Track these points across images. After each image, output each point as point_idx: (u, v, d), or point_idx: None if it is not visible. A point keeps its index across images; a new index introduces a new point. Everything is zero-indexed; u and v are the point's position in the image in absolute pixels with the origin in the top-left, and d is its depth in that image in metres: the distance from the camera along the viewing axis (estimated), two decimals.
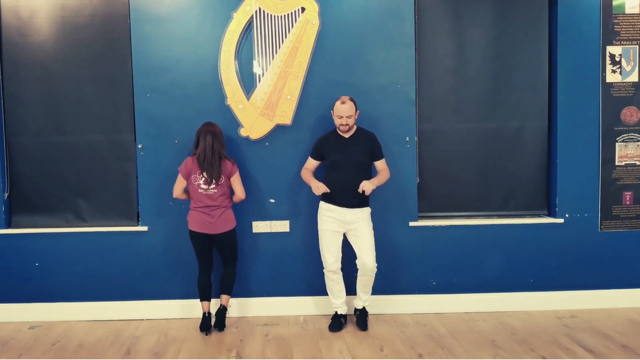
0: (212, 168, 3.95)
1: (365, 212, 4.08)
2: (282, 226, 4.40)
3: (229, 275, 4.17)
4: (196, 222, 4.05)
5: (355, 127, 4.08)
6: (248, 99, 4.28)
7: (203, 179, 3.98)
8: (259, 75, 4.29)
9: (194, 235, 4.08)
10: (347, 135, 4.05)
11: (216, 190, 4.01)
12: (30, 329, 4.26)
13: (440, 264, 4.46)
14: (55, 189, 4.41)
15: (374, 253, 4.06)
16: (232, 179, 4.06)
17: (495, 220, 4.50)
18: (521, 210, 4.56)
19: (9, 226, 4.42)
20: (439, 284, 4.48)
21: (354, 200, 4.00)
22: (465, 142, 4.50)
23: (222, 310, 4.14)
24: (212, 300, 4.22)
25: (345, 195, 4.00)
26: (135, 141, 4.35)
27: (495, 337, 3.98)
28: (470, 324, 4.23)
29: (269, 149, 4.34)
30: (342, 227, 4.06)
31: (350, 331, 4.12)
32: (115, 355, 3.79)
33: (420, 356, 3.70)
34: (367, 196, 4.06)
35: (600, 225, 4.50)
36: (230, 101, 4.28)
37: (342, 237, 4.11)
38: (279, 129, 4.33)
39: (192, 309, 4.39)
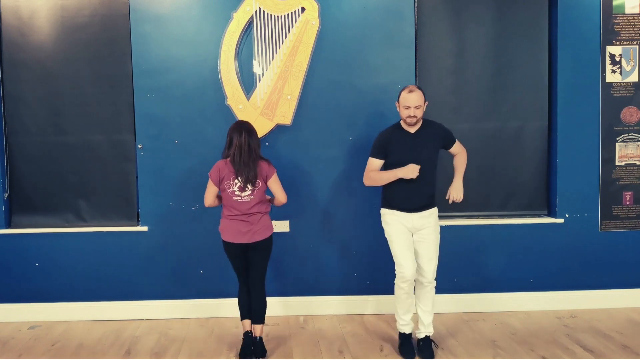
0: (248, 169, 3.49)
1: (434, 214, 3.69)
2: (282, 226, 4.40)
3: (261, 301, 3.67)
4: (231, 232, 3.59)
5: (422, 119, 3.65)
6: (248, 99, 4.28)
7: (238, 184, 3.53)
8: (259, 75, 4.29)
9: (230, 247, 3.63)
10: (412, 130, 3.61)
11: (253, 197, 3.56)
12: (30, 329, 4.26)
13: (441, 264, 4.43)
14: (55, 189, 4.41)
15: (436, 264, 3.69)
16: (269, 182, 3.61)
17: (496, 220, 4.50)
18: (521, 210, 4.56)
19: (9, 226, 4.42)
20: (439, 284, 4.46)
21: (421, 202, 3.61)
22: (465, 142, 4.47)
23: (261, 342, 3.70)
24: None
25: (413, 199, 3.59)
26: (135, 141, 4.35)
27: (495, 337, 3.98)
28: (470, 324, 4.23)
29: (269, 149, 4.33)
30: (411, 231, 3.65)
31: (350, 331, 4.12)
32: (115, 355, 3.79)
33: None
34: (434, 194, 3.70)
35: (600, 225, 4.50)
36: (230, 101, 4.28)
37: (412, 240, 3.66)
38: (279, 129, 4.33)
39: (192, 309, 4.39)
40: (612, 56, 4.42)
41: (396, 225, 3.64)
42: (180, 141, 4.30)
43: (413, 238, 3.67)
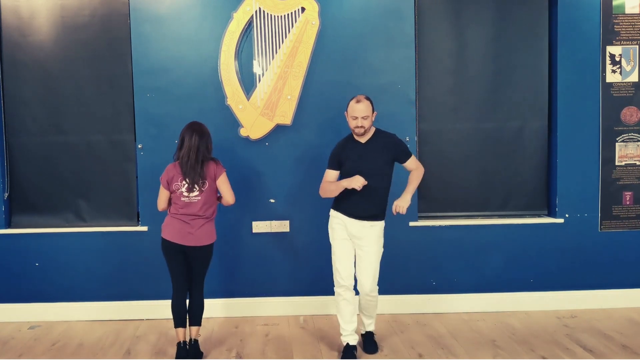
0: (193, 172, 3.48)
1: (377, 227, 3.61)
2: (282, 226, 4.40)
3: (199, 302, 3.68)
4: (172, 231, 3.56)
5: (373, 129, 3.63)
6: (248, 99, 4.28)
7: (185, 185, 3.52)
8: (259, 75, 4.29)
9: (169, 246, 3.58)
10: (363, 140, 3.60)
11: (200, 198, 3.53)
12: (30, 329, 4.26)
13: (440, 264, 4.46)
14: (55, 189, 4.41)
15: (376, 276, 3.63)
16: (218, 182, 3.59)
17: (496, 220, 4.50)
18: (521, 210, 4.56)
19: (9, 226, 4.42)
20: (439, 284, 4.48)
21: (367, 213, 3.56)
22: (465, 142, 4.50)
23: (196, 344, 3.69)
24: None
25: (359, 206, 3.55)
26: (135, 141, 4.35)
27: (495, 337, 3.98)
28: (470, 324, 4.23)
29: (269, 149, 4.33)
30: (350, 238, 3.64)
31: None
32: (115, 355, 3.79)
33: (420, 356, 3.70)
34: (384, 209, 3.63)
35: (600, 225, 4.50)
36: (230, 101, 4.28)
37: (353, 248, 3.66)
38: (279, 129, 4.33)
39: None
40: (612, 56, 4.42)
41: (338, 231, 3.63)
42: (179, 141, 4.29)
43: (355, 247, 3.64)
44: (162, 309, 4.40)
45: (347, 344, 3.67)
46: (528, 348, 3.79)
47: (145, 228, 4.35)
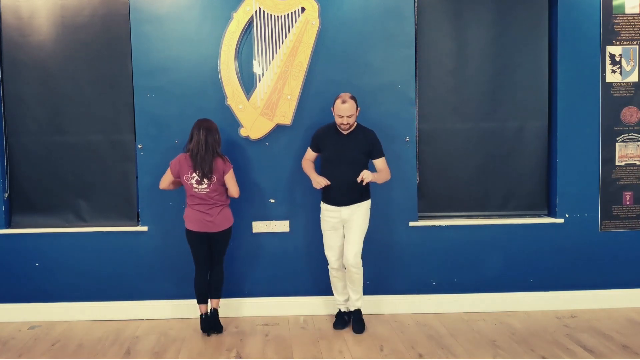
0: (204, 164, 3.83)
1: (363, 206, 4.01)
2: (282, 226, 4.40)
3: (219, 276, 4.09)
4: (194, 221, 3.96)
5: (355, 123, 3.98)
6: (248, 99, 4.28)
7: (195, 178, 3.87)
8: (259, 75, 4.29)
9: (193, 235, 3.99)
10: (345, 132, 3.97)
11: (209, 190, 3.90)
12: (30, 329, 4.26)
13: (440, 264, 4.46)
14: (55, 189, 4.41)
15: (359, 248, 3.98)
16: (225, 177, 3.93)
17: (495, 220, 4.50)
18: (521, 210, 4.56)
19: (9, 226, 4.42)
20: (439, 284, 4.48)
21: (350, 197, 3.95)
22: (465, 142, 4.50)
23: (215, 313, 4.09)
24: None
25: (341, 193, 3.94)
26: (135, 141, 4.35)
27: (495, 337, 3.98)
28: (470, 324, 4.23)
29: (269, 149, 4.33)
30: (341, 224, 4.03)
31: (349, 331, 4.12)
32: (115, 355, 3.79)
33: (420, 356, 3.70)
34: (367, 189, 4.01)
35: (600, 225, 4.50)
36: (230, 101, 4.28)
37: (343, 234, 4.06)
38: (279, 129, 4.33)
39: (192, 309, 4.38)
40: (612, 56, 4.42)
41: (328, 220, 4.03)
42: (180, 141, 4.29)
43: (344, 228, 4.03)
44: (162, 309, 4.40)
45: (339, 310, 4.22)
46: (528, 348, 3.80)
47: (145, 228, 4.35)
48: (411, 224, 4.41)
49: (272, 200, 4.38)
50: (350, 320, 4.18)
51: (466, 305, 4.47)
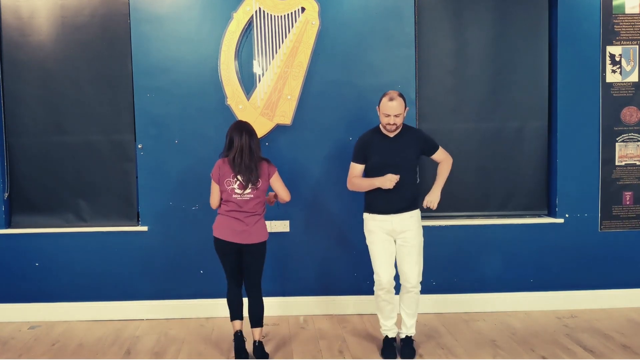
0: (249, 171, 3.49)
1: (416, 216, 3.64)
2: (282, 226, 4.40)
3: (259, 304, 3.66)
4: (226, 230, 3.56)
5: (402, 124, 3.64)
6: (248, 99, 4.28)
7: (237, 182, 3.52)
8: (259, 75, 4.29)
9: (223, 245, 3.58)
10: (391, 135, 3.61)
11: (252, 196, 3.54)
12: (30, 329, 4.26)
13: (440, 264, 4.46)
14: (55, 189, 4.41)
15: (421, 268, 3.64)
16: (272, 181, 3.61)
17: (495, 220, 4.50)
18: (521, 210, 4.56)
19: (9, 226, 4.42)
20: (439, 284, 4.48)
21: (402, 204, 3.56)
22: (465, 142, 4.50)
23: (261, 345, 3.65)
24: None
25: (392, 202, 3.55)
26: (135, 141, 4.35)
27: (495, 337, 3.98)
28: (470, 324, 4.23)
29: (269, 149, 4.33)
30: (392, 235, 3.62)
31: (350, 331, 4.12)
32: (115, 355, 3.79)
33: (421, 356, 3.70)
34: (417, 195, 3.70)
35: (600, 225, 4.50)
36: (230, 101, 4.28)
37: (394, 247, 3.64)
38: (279, 129, 4.33)
39: (192, 309, 4.39)
40: (612, 56, 4.42)
41: (377, 232, 3.62)
42: (180, 141, 4.30)
43: (396, 243, 3.64)
44: (162, 309, 4.40)
45: (387, 336, 3.72)
46: (528, 348, 3.79)
47: (145, 228, 4.35)
48: None
49: None
50: (402, 350, 3.72)
51: (466, 305, 4.47)
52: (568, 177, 4.45)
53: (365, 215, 3.69)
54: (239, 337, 3.65)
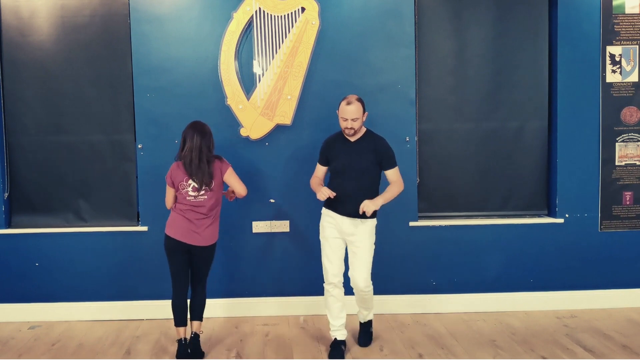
0: (201, 172, 3.48)
1: (368, 224, 3.63)
2: (282, 226, 4.40)
3: (201, 298, 3.70)
4: (178, 228, 3.55)
5: (364, 129, 3.67)
6: (248, 99, 4.28)
7: (192, 185, 3.53)
8: (259, 75, 4.29)
9: (173, 244, 3.56)
10: (353, 139, 3.64)
11: (206, 197, 3.55)
12: (30, 329, 4.26)
13: (440, 264, 4.46)
14: (55, 189, 4.41)
15: (369, 272, 3.65)
16: (225, 177, 3.60)
17: (495, 220, 4.50)
18: (521, 210, 4.56)
19: (9, 226, 4.42)
20: (439, 284, 4.48)
21: (355, 209, 3.54)
22: (465, 142, 4.50)
23: (197, 338, 3.69)
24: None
25: (347, 204, 3.57)
26: (135, 141, 4.35)
27: (495, 337, 3.98)
28: (470, 324, 4.23)
29: (269, 149, 4.33)
30: (342, 236, 3.68)
31: (350, 330, 4.11)
32: (115, 355, 3.79)
33: (420, 356, 3.70)
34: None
35: (600, 225, 4.50)
36: (230, 101, 4.28)
37: (344, 246, 3.72)
38: (279, 129, 4.33)
39: None
40: (612, 56, 4.42)
41: (328, 229, 3.68)
42: (180, 141, 4.29)
43: (347, 244, 3.68)
44: (162, 309, 4.40)
45: (335, 338, 3.74)
46: (528, 348, 3.79)
47: (145, 228, 4.35)
48: (411, 224, 4.41)
49: (272, 200, 4.38)
50: (358, 337, 3.89)
51: (466, 305, 4.47)
52: (568, 177, 4.45)
53: (323, 210, 3.75)
54: (182, 344, 3.64)
